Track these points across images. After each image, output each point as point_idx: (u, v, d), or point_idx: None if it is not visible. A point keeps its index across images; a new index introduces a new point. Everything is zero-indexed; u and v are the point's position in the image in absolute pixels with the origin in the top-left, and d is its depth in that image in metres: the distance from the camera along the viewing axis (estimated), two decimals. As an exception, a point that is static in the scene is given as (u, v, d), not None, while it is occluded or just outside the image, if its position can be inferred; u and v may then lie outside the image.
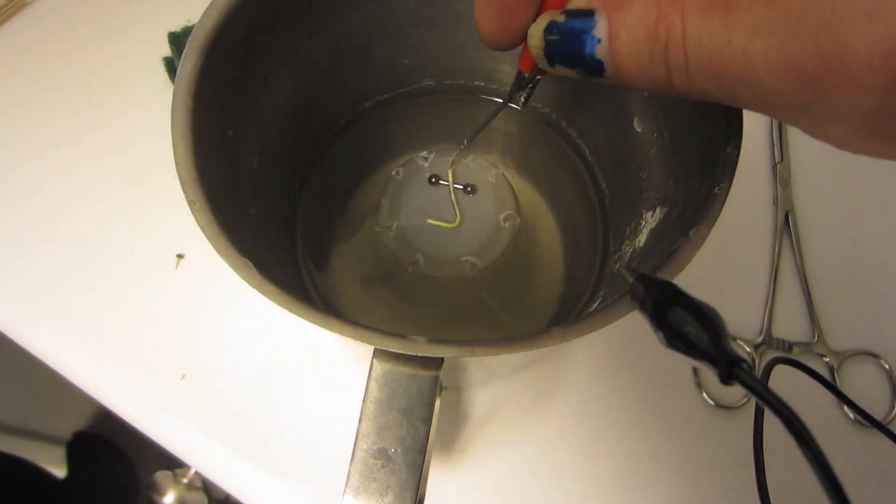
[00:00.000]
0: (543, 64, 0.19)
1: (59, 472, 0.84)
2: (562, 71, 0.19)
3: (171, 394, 0.38)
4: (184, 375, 0.38)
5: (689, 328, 0.16)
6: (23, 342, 0.39)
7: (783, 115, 0.15)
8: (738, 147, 0.22)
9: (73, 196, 0.43)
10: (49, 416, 0.87)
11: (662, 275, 0.21)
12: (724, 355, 0.15)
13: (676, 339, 0.16)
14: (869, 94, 0.13)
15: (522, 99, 0.26)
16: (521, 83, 0.25)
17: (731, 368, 0.14)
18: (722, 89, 0.15)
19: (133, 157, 0.44)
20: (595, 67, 0.17)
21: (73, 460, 0.86)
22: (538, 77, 0.24)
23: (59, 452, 0.87)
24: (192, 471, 0.84)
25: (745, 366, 0.14)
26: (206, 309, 0.40)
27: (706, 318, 0.16)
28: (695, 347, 0.15)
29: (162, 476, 0.84)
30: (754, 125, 0.45)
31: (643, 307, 0.18)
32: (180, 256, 0.41)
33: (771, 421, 0.19)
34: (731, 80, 0.15)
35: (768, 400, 0.14)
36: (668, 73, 0.16)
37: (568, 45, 0.18)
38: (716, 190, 0.22)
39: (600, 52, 0.17)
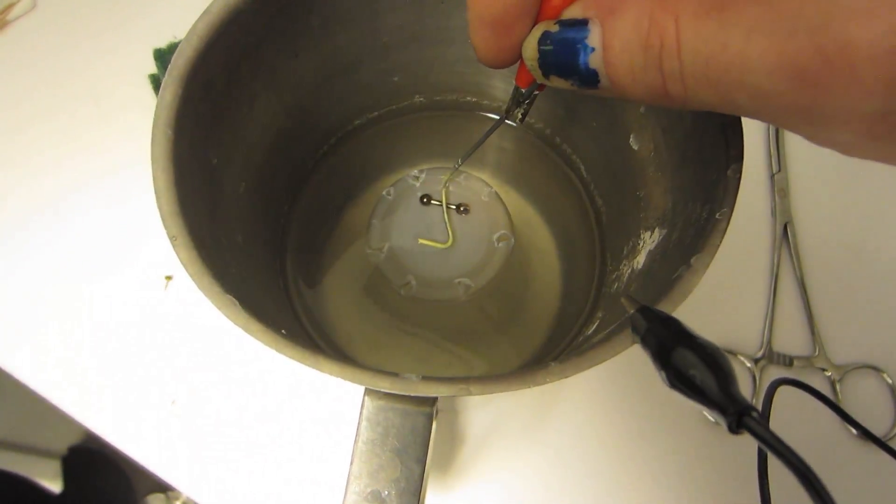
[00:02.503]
0: (538, 76, 0.19)
1: (55, 486, 0.83)
2: (557, 83, 0.18)
3: (162, 419, 0.37)
4: (174, 400, 0.37)
5: (696, 372, 0.15)
6: (7, 367, 0.38)
7: (785, 120, 0.14)
8: (739, 171, 0.21)
9: (57, 215, 0.42)
10: (44, 430, 0.86)
11: (664, 305, 0.20)
12: (734, 403, 0.14)
13: (681, 382, 0.15)
14: (873, 93, 0.12)
15: (520, 115, 0.25)
16: (518, 99, 0.24)
17: (740, 418, 0.14)
18: (720, 96, 0.15)
19: (119, 176, 0.43)
20: (590, 78, 0.17)
21: (68, 475, 0.85)
22: (536, 93, 0.23)
23: (55, 467, 0.86)
24: (185, 495, 0.83)
25: (755, 414, 0.14)
26: (197, 331, 0.39)
27: (713, 360, 0.15)
28: (701, 393, 0.15)
29: (154, 499, 0.83)
30: (751, 135, 0.44)
31: (645, 343, 0.17)
32: (169, 278, 0.40)
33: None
34: (728, 86, 0.14)
35: (780, 452, 0.13)
36: (664, 81, 0.15)
37: (562, 55, 0.17)
38: (717, 215, 0.21)
39: (594, 61, 0.16)
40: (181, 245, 0.20)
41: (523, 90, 0.23)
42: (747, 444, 0.37)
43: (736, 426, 0.14)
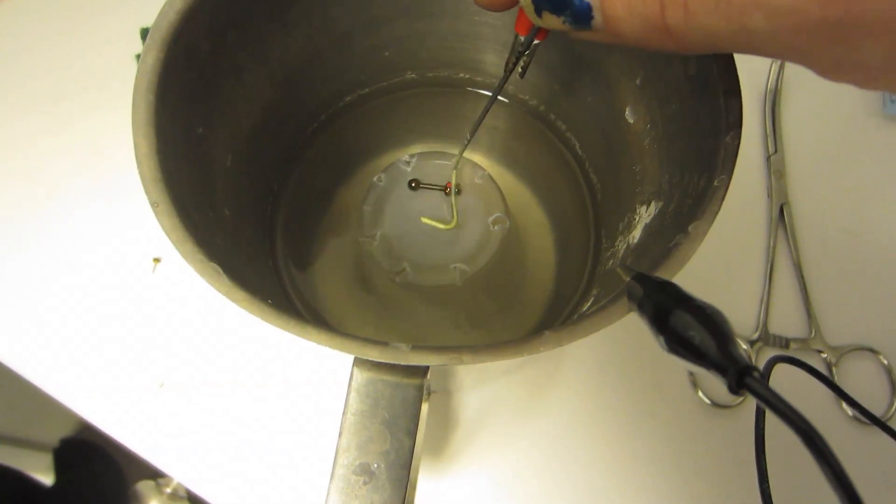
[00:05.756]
0: (531, 13, 0.18)
1: (47, 479, 0.83)
2: (549, 21, 0.18)
3: (150, 403, 0.37)
4: (163, 384, 0.37)
5: (694, 333, 0.15)
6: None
7: (807, 43, 0.13)
8: (738, 137, 0.21)
9: (43, 199, 0.41)
10: (36, 422, 0.86)
11: (661, 273, 0.20)
12: (734, 363, 0.13)
13: (680, 345, 0.15)
14: None
15: (520, 68, 0.25)
16: (518, 50, 0.24)
17: (741, 377, 0.13)
18: (729, 20, 0.13)
19: (106, 157, 0.42)
20: (583, 13, 0.16)
21: (60, 467, 0.85)
22: (536, 41, 0.23)
23: (47, 459, 0.86)
24: (176, 480, 0.82)
25: (756, 374, 0.13)
26: (185, 314, 0.38)
27: (712, 321, 0.15)
28: (701, 354, 0.14)
29: (144, 486, 0.82)
30: (747, 115, 0.43)
31: (642, 310, 0.17)
32: (157, 260, 0.40)
33: (771, 422, 0.18)
34: (741, 6, 0.13)
35: (782, 411, 0.12)
36: (662, 10, 0.14)
37: None
38: (715, 183, 0.21)
39: None
40: (163, 212, 0.20)
41: (522, 38, 0.23)
42: (743, 424, 0.37)
43: (737, 386, 0.13)
